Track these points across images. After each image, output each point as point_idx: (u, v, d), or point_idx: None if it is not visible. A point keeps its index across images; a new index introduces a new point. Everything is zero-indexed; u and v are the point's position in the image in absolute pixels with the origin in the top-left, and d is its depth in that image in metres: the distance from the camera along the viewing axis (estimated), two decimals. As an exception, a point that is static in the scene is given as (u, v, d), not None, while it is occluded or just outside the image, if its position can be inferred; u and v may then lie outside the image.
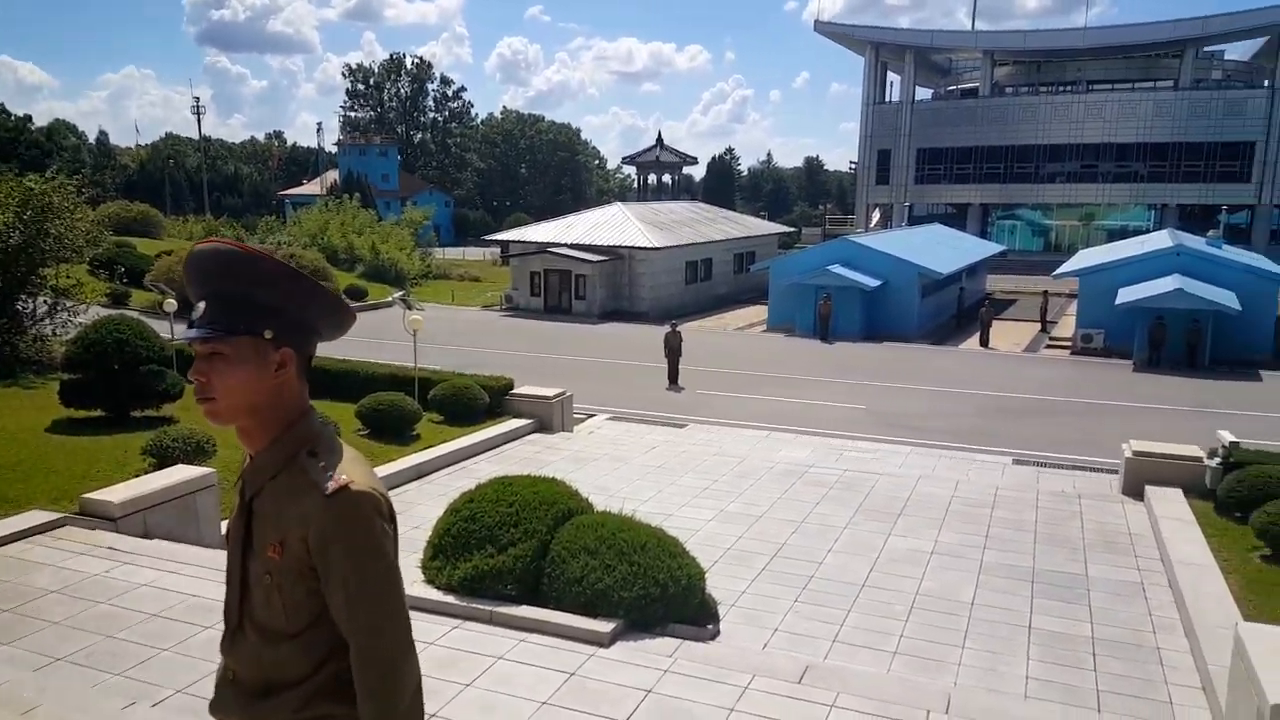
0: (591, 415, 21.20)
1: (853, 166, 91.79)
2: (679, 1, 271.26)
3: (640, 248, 41.92)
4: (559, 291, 42.33)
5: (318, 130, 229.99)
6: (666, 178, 64.92)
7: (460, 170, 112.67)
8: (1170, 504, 14.09)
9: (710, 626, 8.86)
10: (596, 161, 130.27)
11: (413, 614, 2.62)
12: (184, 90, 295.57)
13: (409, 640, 2.53)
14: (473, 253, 74.13)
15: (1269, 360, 30.46)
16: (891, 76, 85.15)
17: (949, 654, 9.42)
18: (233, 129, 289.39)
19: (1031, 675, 9.01)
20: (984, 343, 34.71)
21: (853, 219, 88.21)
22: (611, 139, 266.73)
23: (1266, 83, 72.43)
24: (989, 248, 53.84)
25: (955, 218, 76.35)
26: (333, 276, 44.99)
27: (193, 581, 8.92)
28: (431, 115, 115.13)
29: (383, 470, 14.91)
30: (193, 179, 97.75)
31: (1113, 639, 9.90)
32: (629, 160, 66.18)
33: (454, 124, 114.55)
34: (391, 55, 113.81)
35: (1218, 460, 14.66)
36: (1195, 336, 29.18)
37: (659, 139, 62.86)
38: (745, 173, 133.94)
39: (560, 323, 39.27)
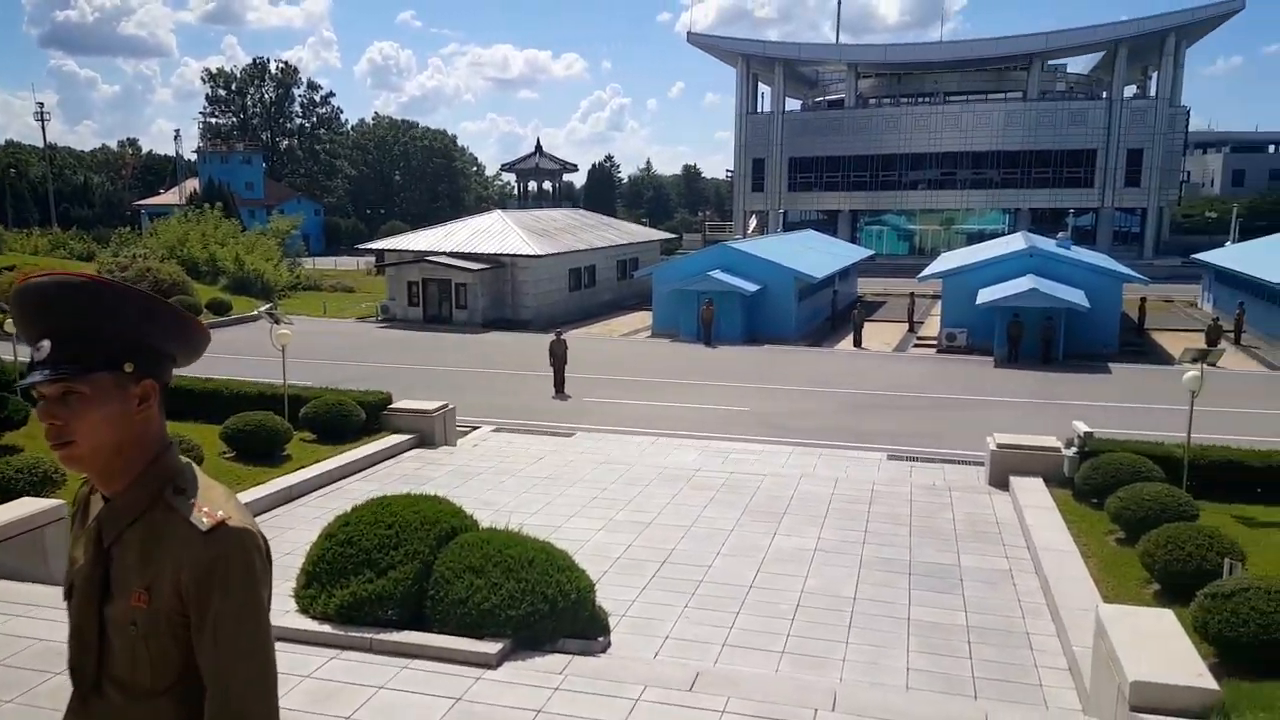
0: (475, 428, 20.80)
1: (729, 174, 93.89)
2: (553, 10, 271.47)
3: (522, 255, 41.52)
4: (439, 301, 41.46)
5: (175, 137, 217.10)
6: (547, 185, 64.59)
7: (330, 178, 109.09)
8: (1033, 493, 14.87)
9: (601, 639, 8.76)
10: (475, 168, 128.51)
11: (287, 646, 2.45)
12: (26, 95, 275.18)
13: (274, 690, 2.36)
14: (345, 262, 71.88)
15: (1116, 354, 32.70)
16: (763, 88, 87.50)
17: (834, 650, 9.62)
18: (82, 136, 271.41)
19: (912, 666, 9.30)
20: (857, 343, 35.97)
21: (731, 225, 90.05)
22: (490, 145, 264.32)
23: (1104, 94, 78.07)
24: (859, 252, 55.90)
25: (827, 223, 78.99)
26: (193, 290, 42.74)
27: (41, 625, 8.20)
28: (299, 121, 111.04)
29: (251, 494, 14.17)
30: (37, 189, 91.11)
31: (985, 626, 10.33)
32: (508, 167, 65.53)
33: (323, 130, 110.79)
34: (255, 60, 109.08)
35: (1074, 450, 15.58)
36: (1049, 333, 31.01)
37: (538, 146, 62.52)
38: (626, 180, 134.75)
39: (441, 333, 38.46)
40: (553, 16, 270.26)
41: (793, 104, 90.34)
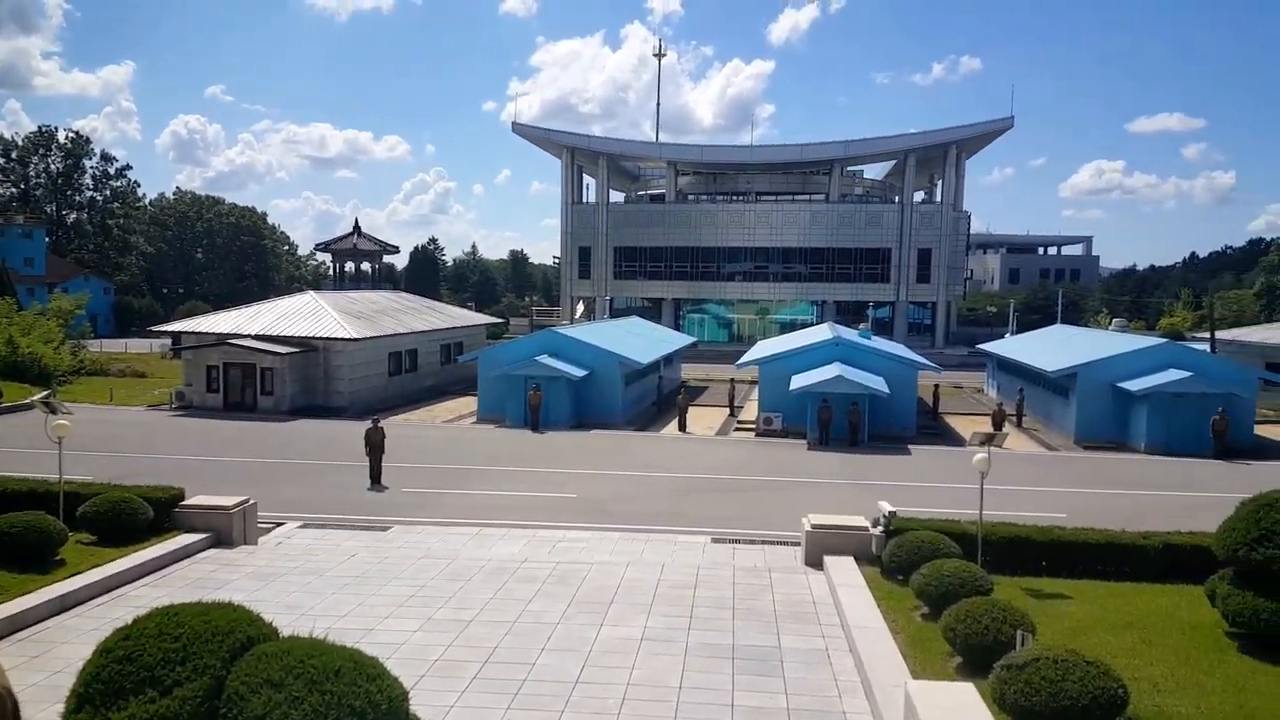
0: (280, 524, 19.44)
1: (556, 261, 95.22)
2: (374, 92, 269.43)
3: (338, 338, 39.93)
4: (241, 386, 38.97)
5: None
6: (366, 266, 63.05)
7: (124, 254, 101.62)
8: (845, 571, 15.47)
9: (415, 751, 8.16)
10: (286, 247, 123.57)
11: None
12: None
13: None
14: (138, 345, 66.67)
15: (915, 436, 35.05)
16: (587, 179, 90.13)
17: (660, 745, 9.45)
18: None
19: (737, 755, 9.26)
20: (682, 427, 36.76)
21: (559, 310, 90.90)
22: (304, 224, 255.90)
23: (897, 199, 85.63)
24: (682, 339, 57.67)
25: (651, 310, 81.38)
26: (-42, 375, 38.19)
27: None
28: (89, 194, 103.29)
29: (14, 606, 12.52)
30: None
31: (805, 707, 10.50)
32: (324, 247, 63.56)
33: (116, 204, 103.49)
34: (40, 127, 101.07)
35: (880, 529, 16.40)
36: (856, 417, 32.92)
37: (356, 226, 61.18)
38: (450, 263, 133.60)
39: (243, 421, 36.05)
40: (375, 99, 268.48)
41: (617, 196, 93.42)
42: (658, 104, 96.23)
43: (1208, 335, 49.24)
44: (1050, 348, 42.33)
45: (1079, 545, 15.87)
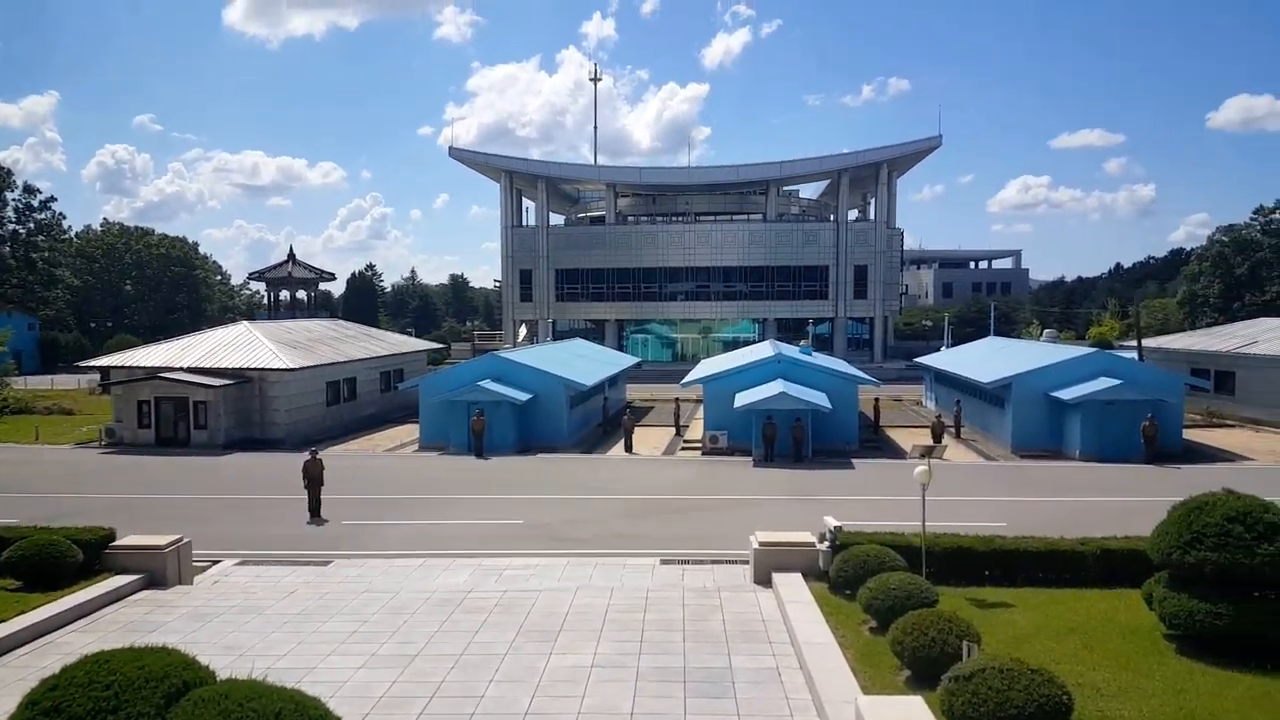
0: (216, 562, 18.85)
1: (497, 284, 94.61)
2: (308, 119, 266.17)
3: (273, 369, 39.02)
4: (174, 421, 37.83)
5: None
6: (301, 294, 61.85)
7: (49, 288, 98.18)
8: (793, 588, 15.53)
9: (361, 793, 7.93)
10: (219, 277, 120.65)
11: None
12: None
13: None
14: (65, 381, 64.41)
15: (857, 450, 35.50)
16: (527, 202, 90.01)
17: (614, 773, 9.32)
18: None
19: (692, 780, 9.18)
20: (628, 448, 36.68)
21: (501, 334, 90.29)
22: (237, 253, 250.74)
23: (832, 217, 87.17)
24: (626, 360, 57.69)
25: (595, 332, 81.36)
26: None
27: None
28: (11, 227, 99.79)
29: (-70, 661, 11.89)
30: None
31: (759, 728, 10.46)
32: (257, 276, 62.20)
33: (41, 237, 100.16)
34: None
35: (827, 544, 16.52)
36: (799, 432, 33.21)
37: (291, 254, 60.03)
38: (389, 289, 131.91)
39: (177, 457, 34.95)
40: (308, 125, 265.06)
41: (557, 218, 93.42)
42: (595, 127, 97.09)
43: (1135, 344, 50.96)
44: (985, 359, 43.35)
45: (1020, 554, 16.19)
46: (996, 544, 16.39)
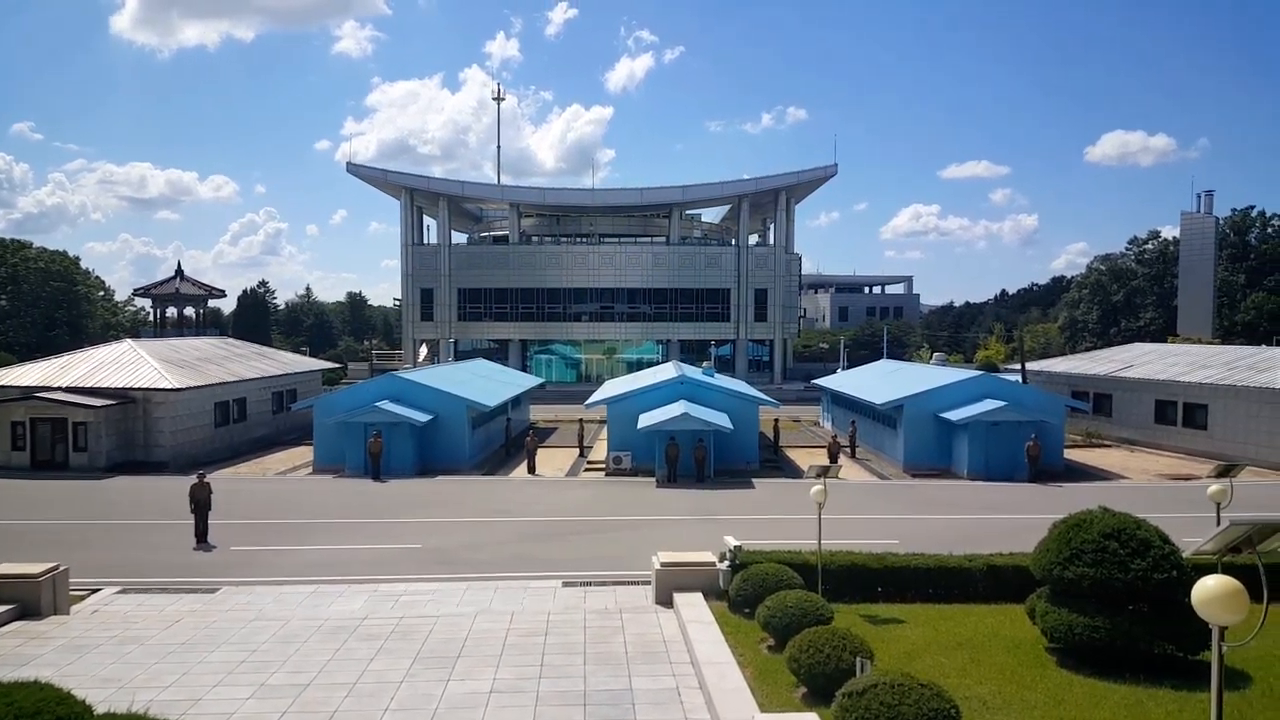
0: (95, 590, 17.88)
1: (397, 303, 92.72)
2: (199, 131, 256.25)
3: (158, 389, 37.27)
4: (51, 443, 35.74)
5: None
6: (190, 311, 59.40)
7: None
8: (694, 608, 15.66)
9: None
10: (102, 293, 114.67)
11: None
12: None
13: None
14: (-73, 401, 59.88)
15: (758, 470, 36.11)
16: (428, 220, 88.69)
17: (513, 801, 9.19)
18: None
19: (592, 805, 9.12)
20: (531, 470, 36.37)
21: (401, 354, 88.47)
22: (121, 268, 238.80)
23: (733, 241, 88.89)
24: (529, 380, 57.33)
25: (498, 352, 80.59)
26: None
27: None
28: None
29: None
30: None
31: (660, 750, 10.48)
32: (143, 292, 59.50)
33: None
34: None
35: (727, 564, 16.74)
36: (701, 453, 33.61)
37: (179, 270, 57.64)
38: (283, 306, 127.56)
39: (54, 480, 32.94)
40: (199, 137, 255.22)
41: (459, 237, 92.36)
42: (498, 146, 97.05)
43: (1019, 367, 53.52)
44: (878, 381, 44.81)
45: (910, 570, 16.74)
46: (889, 561, 16.91)
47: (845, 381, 49.86)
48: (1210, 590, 6.68)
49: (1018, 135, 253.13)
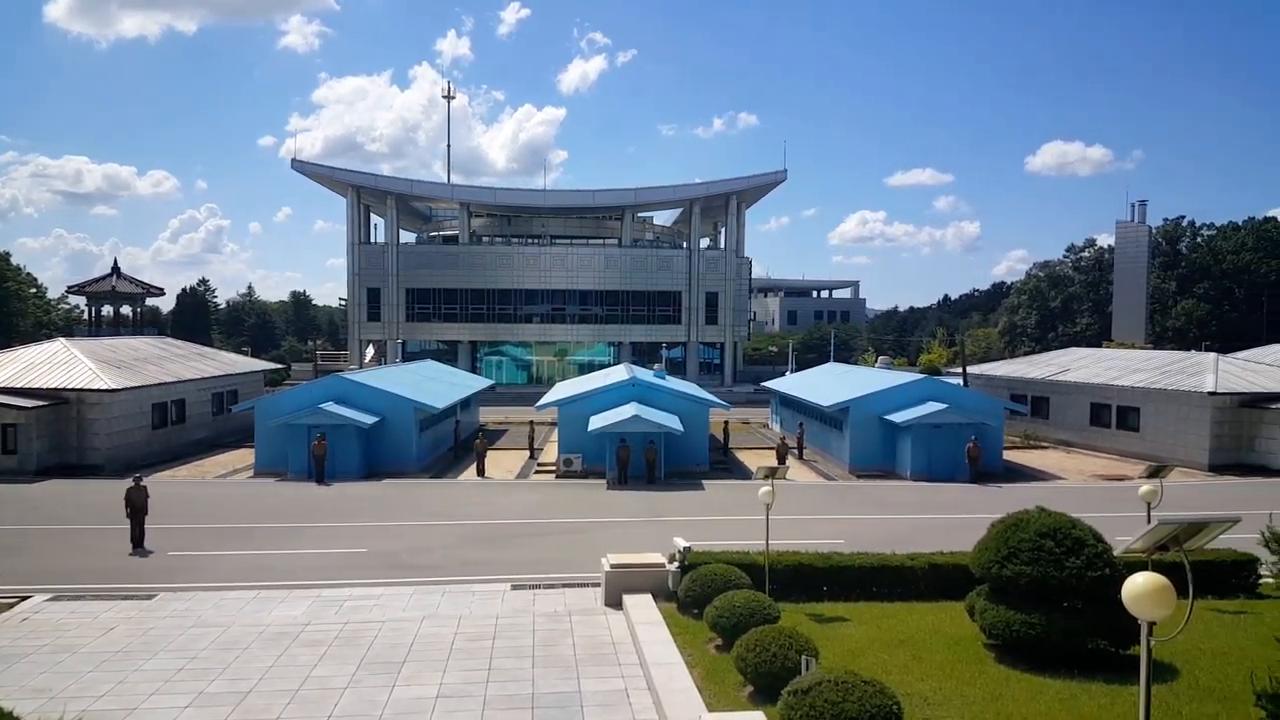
0: (25, 598, 17.34)
1: (343, 302, 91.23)
2: (138, 124, 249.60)
3: (93, 390, 36.20)
4: (-21, 446, 34.59)
5: None
6: (126, 310, 57.83)
7: None
8: (643, 609, 15.71)
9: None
10: (34, 290, 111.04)
11: None
12: None
13: None
14: None
15: (708, 471, 36.32)
16: (376, 218, 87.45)
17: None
18: None
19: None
20: (480, 472, 36.08)
21: (346, 355, 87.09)
22: (55, 265, 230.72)
23: (685, 244, 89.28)
24: (479, 382, 56.87)
25: (447, 354, 79.80)
26: None
27: None
28: None
29: None
30: None
31: (607, 751, 10.50)
32: (78, 290, 57.77)
33: None
34: None
35: (676, 565, 16.82)
36: (652, 454, 33.71)
37: (115, 267, 56.10)
38: (224, 306, 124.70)
39: (-19, 485, 31.85)
40: (138, 131, 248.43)
41: (408, 236, 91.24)
42: (448, 145, 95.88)
43: (961, 370, 54.64)
44: (825, 384, 45.40)
45: (855, 569, 17.00)
46: (834, 560, 17.16)
47: (794, 384, 50.41)
48: (1140, 587, 6.92)
49: (961, 144, 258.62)
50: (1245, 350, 56.27)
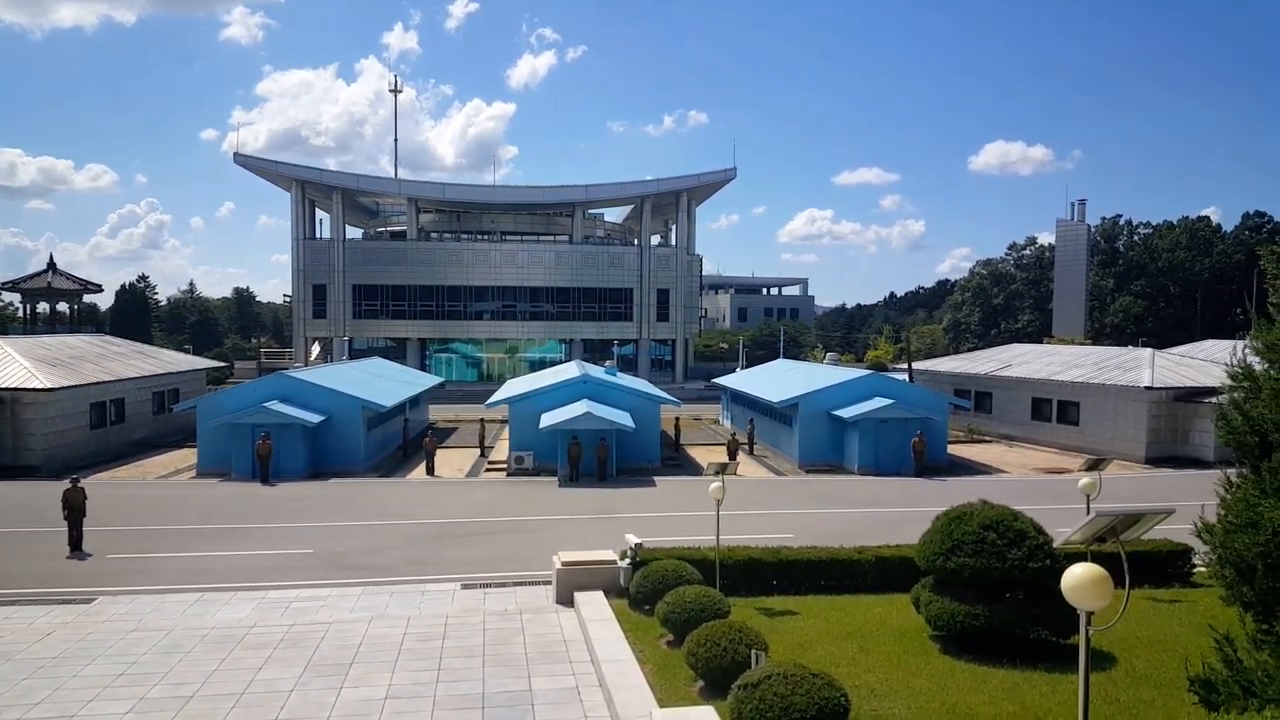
0: (-47, 605, 16.68)
1: (288, 299, 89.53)
2: (75, 117, 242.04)
3: (27, 389, 35.05)
4: (-96, 448, 33.26)
5: None
6: (63, 306, 56.12)
7: None
8: (595, 606, 15.71)
9: None
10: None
11: None
12: None
13: None
14: None
15: (659, 468, 36.42)
16: (321, 214, 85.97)
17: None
18: None
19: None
20: (430, 471, 35.70)
21: (291, 352, 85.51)
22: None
23: (635, 241, 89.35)
24: (429, 379, 56.25)
25: (396, 351, 78.83)
26: None
27: None
28: None
29: None
30: None
31: (559, 749, 10.48)
32: (11, 286, 55.88)
33: None
34: None
35: (628, 561, 16.86)
36: (604, 452, 33.68)
37: (51, 263, 54.40)
38: (165, 303, 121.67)
39: (-95, 488, 30.63)
40: (75, 124, 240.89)
41: (355, 232, 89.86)
42: (396, 140, 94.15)
43: (906, 366, 55.54)
44: (775, 381, 45.81)
45: (803, 563, 17.21)
46: (783, 555, 17.34)
47: (744, 381, 50.76)
48: (1078, 577, 7.11)
49: (906, 144, 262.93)
50: (1180, 346, 58.19)
